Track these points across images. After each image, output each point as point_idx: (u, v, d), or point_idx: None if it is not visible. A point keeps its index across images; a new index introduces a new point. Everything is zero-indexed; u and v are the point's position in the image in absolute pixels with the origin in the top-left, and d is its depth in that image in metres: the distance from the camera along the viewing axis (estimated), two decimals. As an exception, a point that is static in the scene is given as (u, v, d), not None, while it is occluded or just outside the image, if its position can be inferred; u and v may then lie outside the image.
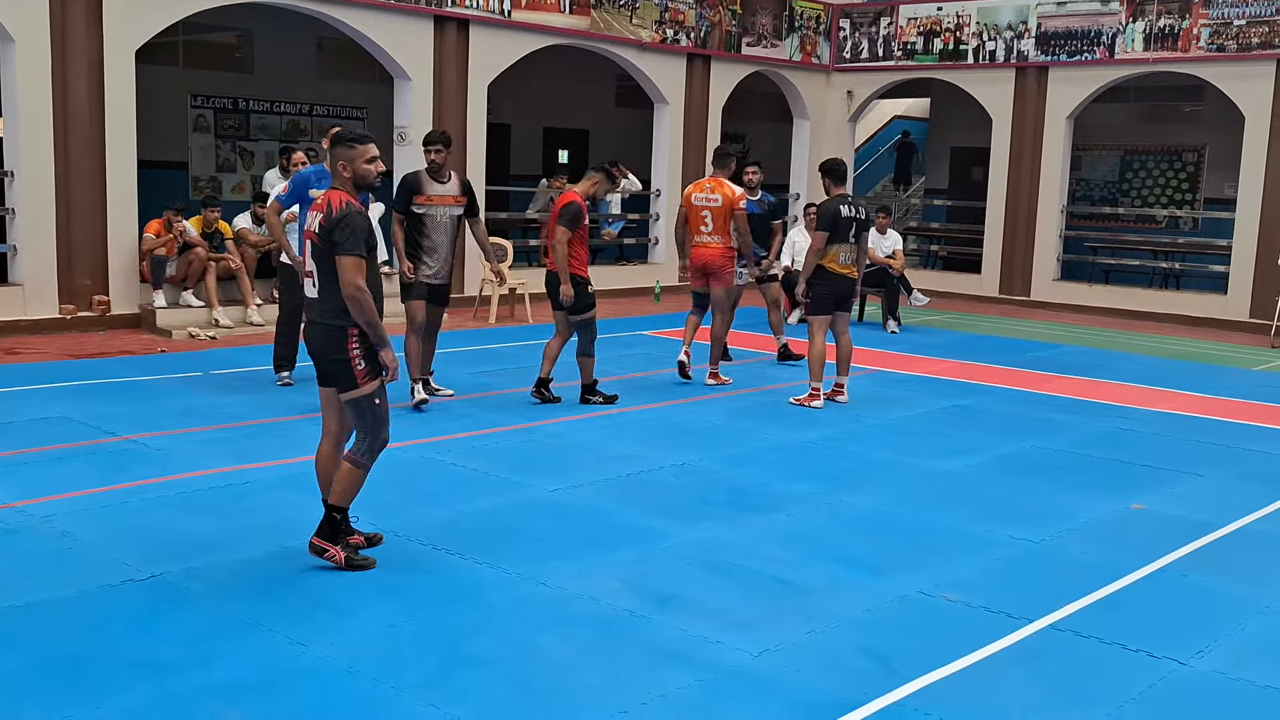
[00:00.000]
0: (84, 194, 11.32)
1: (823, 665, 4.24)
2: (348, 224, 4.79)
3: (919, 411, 8.89)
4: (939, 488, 6.75)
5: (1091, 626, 4.66)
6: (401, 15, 13.42)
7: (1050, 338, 13.59)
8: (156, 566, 4.89)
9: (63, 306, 11.27)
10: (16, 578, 4.75)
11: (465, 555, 5.23)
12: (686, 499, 6.32)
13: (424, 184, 8.05)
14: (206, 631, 4.30)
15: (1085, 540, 5.85)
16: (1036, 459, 7.55)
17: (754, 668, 4.18)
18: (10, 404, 7.96)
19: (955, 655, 4.33)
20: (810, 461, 7.26)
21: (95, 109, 11.30)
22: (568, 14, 15.07)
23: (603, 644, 4.35)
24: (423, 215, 8.06)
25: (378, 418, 4.98)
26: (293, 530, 5.35)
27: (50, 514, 5.59)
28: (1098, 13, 16.13)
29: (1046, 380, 10.51)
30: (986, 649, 4.42)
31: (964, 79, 17.58)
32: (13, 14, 10.73)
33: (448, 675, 4.03)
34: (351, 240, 4.79)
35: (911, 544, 5.67)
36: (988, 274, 17.46)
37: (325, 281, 4.88)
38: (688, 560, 5.31)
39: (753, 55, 17.63)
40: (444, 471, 6.68)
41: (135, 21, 11.47)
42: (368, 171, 4.91)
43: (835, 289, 8.81)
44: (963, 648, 4.40)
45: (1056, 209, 16.87)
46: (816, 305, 8.87)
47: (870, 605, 4.82)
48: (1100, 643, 4.51)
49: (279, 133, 16.83)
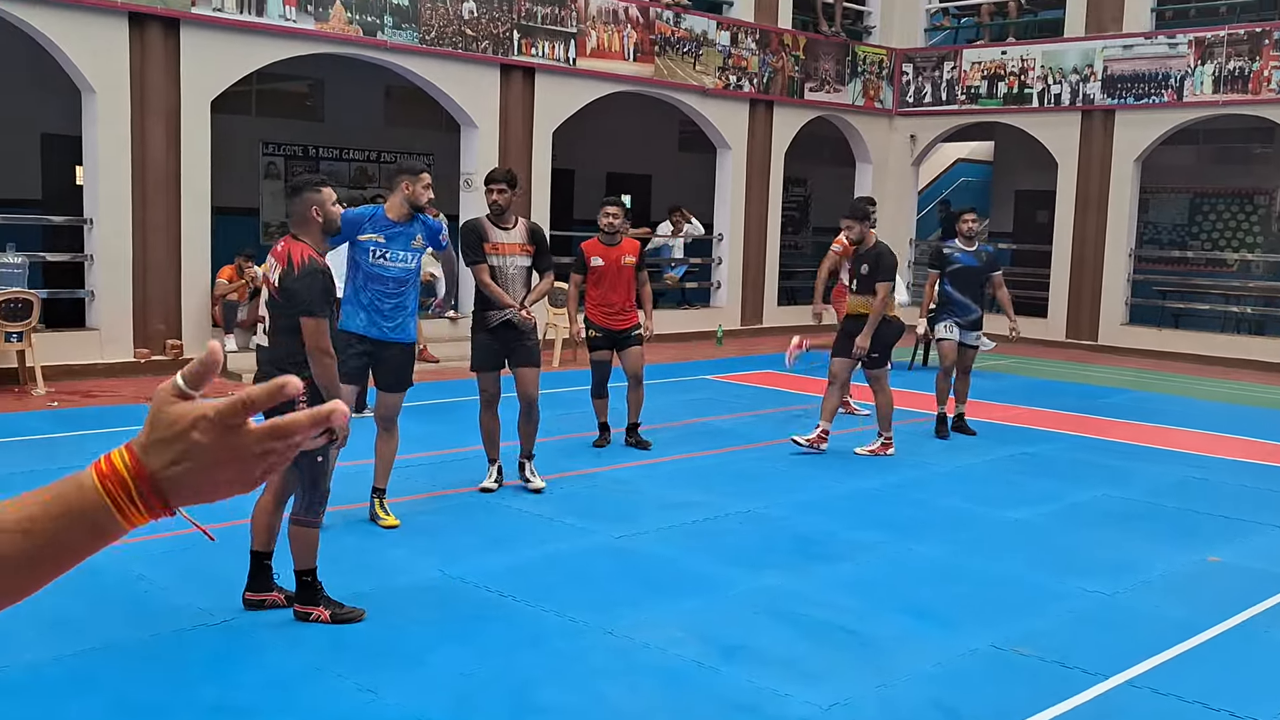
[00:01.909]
0: (159, 240, 11.59)
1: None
2: (311, 284, 4.72)
3: (986, 458, 8.79)
4: (1009, 537, 6.66)
5: (1170, 684, 4.56)
6: (468, 64, 13.64)
7: (1119, 383, 13.38)
8: (229, 611, 4.95)
9: (137, 350, 11.52)
10: (95, 620, 4.83)
11: (532, 602, 5.24)
12: (752, 546, 6.29)
13: (486, 230, 7.09)
14: (278, 677, 4.35)
15: (1161, 593, 5.73)
16: (1108, 508, 7.42)
17: (823, 721, 4.14)
18: (87, 446, 8.12)
19: (1029, 712, 4.26)
20: (877, 509, 7.20)
21: (171, 158, 11.59)
22: (632, 61, 15.24)
23: (670, 694, 4.33)
24: (490, 268, 7.15)
25: (316, 473, 4.84)
26: (362, 573, 5.40)
27: (125, 558, 5.68)
28: (1165, 55, 16.00)
29: (1116, 427, 10.35)
30: (1061, 705, 4.33)
31: (1029, 122, 17.48)
32: (95, 67, 11.05)
33: (516, 724, 4.04)
34: (316, 301, 4.74)
35: (982, 595, 5.60)
36: (1054, 318, 17.27)
37: (275, 331, 4.84)
38: (754, 609, 5.28)
39: (815, 100, 17.68)
40: (510, 517, 6.70)
41: (211, 73, 11.77)
42: (335, 214, 4.95)
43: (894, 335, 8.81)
44: (1037, 704, 4.32)
45: (1124, 252, 16.68)
46: (884, 354, 8.77)
47: (941, 658, 4.76)
48: (1180, 700, 4.41)
49: (347, 179, 17.12)
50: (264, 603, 4.92)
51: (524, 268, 7.18)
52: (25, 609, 3.81)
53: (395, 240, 6.20)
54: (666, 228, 17.35)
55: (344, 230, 5.88)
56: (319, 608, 4.84)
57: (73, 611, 4.92)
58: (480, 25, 13.62)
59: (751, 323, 17.37)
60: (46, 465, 7.53)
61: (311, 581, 4.86)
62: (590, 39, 14.75)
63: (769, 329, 17.55)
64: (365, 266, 6.17)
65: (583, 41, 14.66)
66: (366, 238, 6.19)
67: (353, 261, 6.23)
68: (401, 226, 6.24)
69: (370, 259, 6.17)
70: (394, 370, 6.33)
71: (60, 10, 10.77)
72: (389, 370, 6.32)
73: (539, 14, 14.18)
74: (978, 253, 9.55)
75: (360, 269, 6.20)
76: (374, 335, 6.24)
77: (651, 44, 15.46)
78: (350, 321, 6.21)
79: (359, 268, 6.20)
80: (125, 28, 11.14)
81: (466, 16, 13.50)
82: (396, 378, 6.34)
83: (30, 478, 7.14)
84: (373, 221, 6.22)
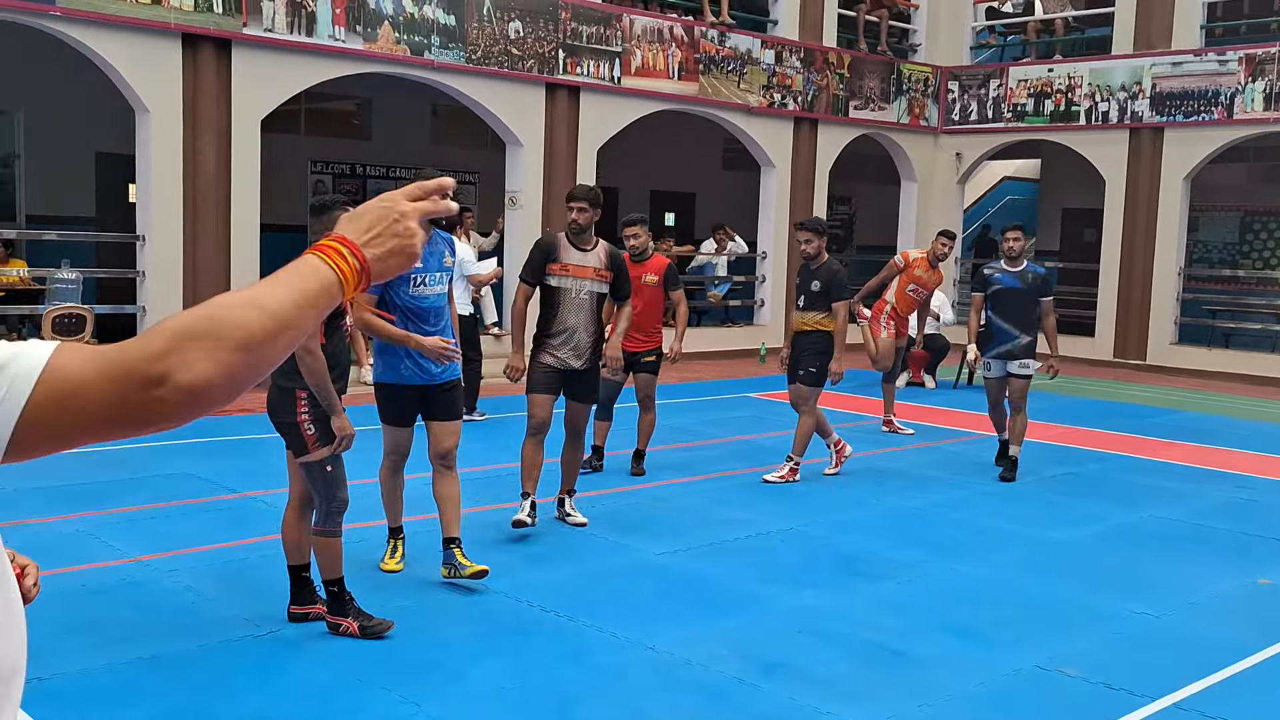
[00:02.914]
0: (209, 257, 11.77)
1: (935, 739, 4.16)
2: None
3: (1031, 478, 8.72)
4: (1053, 558, 6.60)
5: (1218, 708, 4.50)
6: (514, 83, 13.75)
7: (1167, 403, 13.23)
8: (275, 622, 5.01)
9: (187, 365, 11.66)
10: (144, 630, 4.91)
11: (574, 618, 5.26)
12: (794, 565, 6.28)
13: (560, 249, 6.57)
14: (323, 687, 4.40)
15: (1209, 616, 5.66)
16: (1155, 529, 7.34)
17: (865, 740, 4.12)
18: (137, 460, 8.25)
19: (1073, 733, 4.22)
20: (919, 528, 7.16)
21: (222, 176, 11.77)
22: (676, 80, 15.30)
23: (711, 712, 4.33)
24: (555, 288, 6.56)
25: (329, 482, 4.89)
26: (406, 588, 5.45)
27: (175, 568, 5.78)
28: (1215, 73, 15.84)
29: (1164, 447, 10.23)
30: (1106, 727, 4.30)
31: (1076, 140, 17.37)
32: (149, 87, 11.25)
33: (557, 739, 4.05)
34: None
35: (1026, 616, 5.55)
36: (1101, 337, 17.11)
37: None
38: (795, 627, 5.27)
39: (860, 118, 17.66)
40: (552, 533, 6.73)
41: (262, 93, 11.94)
42: None
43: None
44: (1081, 725, 4.29)
45: (1173, 271, 16.50)
46: (822, 374, 8.21)
47: (984, 679, 4.72)
48: (1227, 724, 4.36)
49: (394, 197, 17.29)
50: (307, 616, 4.98)
51: (595, 294, 6.60)
52: (78, 618, 3.88)
53: (429, 261, 5.54)
54: (710, 245, 17.38)
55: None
56: (348, 619, 4.87)
57: (124, 621, 5.01)
58: (526, 45, 13.74)
59: (795, 341, 17.32)
60: (97, 478, 7.66)
61: (339, 591, 4.90)
62: (635, 58, 14.83)
63: (812, 347, 17.50)
64: (403, 300, 5.50)
65: (627, 60, 14.74)
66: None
67: (385, 306, 5.51)
68: (429, 246, 5.46)
69: (410, 289, 5.50)
70: (447, 404, 5.69)
71: (116, 31, 10.99)
72: (442, 404, 5.68)
73: (584, 33, 14.28)
74: (1022, 274, 8.68)
75: (398, 308, 5.50)
76: (422, 381, 5.58)
77: (696, 62, 15.52)
78: (390, 372, 5.59)
79: (395, 308, 5.50)
80: (179, 49, 11.35)
81: (513, 36, 13.62)
82: (449, 409, 5.70)
83: (88, 490, 7.28)
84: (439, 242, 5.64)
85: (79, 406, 1.12)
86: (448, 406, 5.67)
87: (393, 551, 5.89)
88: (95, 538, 6.28)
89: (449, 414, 5.68)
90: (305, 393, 4.78)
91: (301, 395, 4.79)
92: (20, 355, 1.13)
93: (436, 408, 5.65)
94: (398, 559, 5.87)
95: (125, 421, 1.16)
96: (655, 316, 8.35)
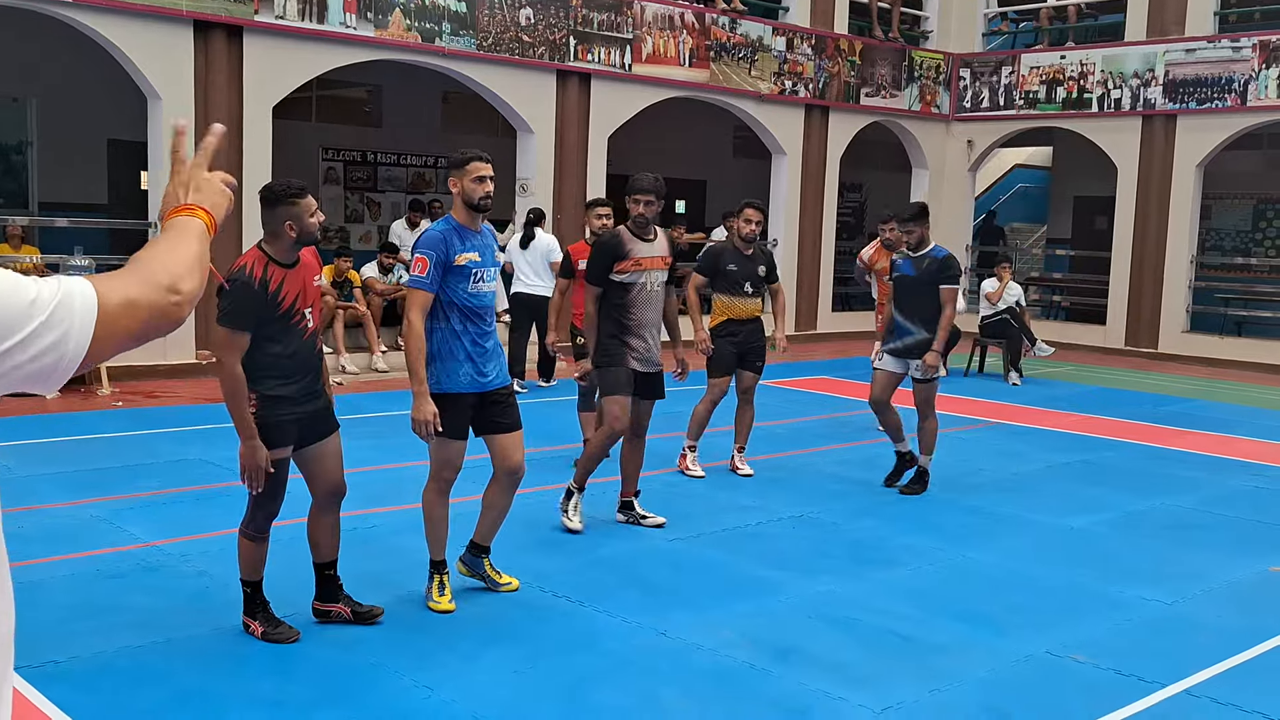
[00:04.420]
0: (221, 244, 11.70)
1: (946, 725, 4.17)
2: (231, 293, 4.42)
3: (1042, 466, 8.71)
4: (1064, 545, 6.60)
5: (1230, 694, 4.50)
6: (525, 70, 13.74)
7: (1179, 391, 13.20)
8: (288, 607, 5.02)
9: (199, 352, 11.72)
10: (158, 614, 4.94)
11: (585, 603, 5.27)
12: (805, 551, 6.28)
13: (628, 244, 6.34)
14: (336, 671, 4.42)
15: (1221, 603, 5.65)
16: (1167, 517, 7.33)
17: (876, 725, 4.13)
18: (150, 446, 8.29)
19: (1084, 719, 4.22)
20: (930, 515, 7.16)
21: (234, 163, 11.78)
22: (687, 67, 15.27)
23: (723, 696, 4.34)
24: (628, 285, 6.31)
25: (265, 491, 4.62)
26: (417, 574, 5.46)
27: (187, 553, 5.81)
28: (1229, 59, 15.76)
29: (1176, 435, 10.22)
30: (1117, 713, 4.29)
31: (1088, 128, 17.30)
32: (160, 74, 11.27)
33: (569, 723, 4.07)
34: (230, 312, 4.41)
35: (1036, 602, 5.55)
36: (1113, 325, 17.07)
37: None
38: (807, 613, 5.28)
39: (871, 105, 17.61)
40: (560, 519, 6.74)
41: (273, 79, 11.96)
42: (313, 226, 4.55)
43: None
44: (1092, 711, 4.29)
45: (1186, 259, 16.45)
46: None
47: (995, 665, 4.73)
48: (1239, 711, 4.35)
49: (405, 184, 17.31)
50: (329, 614, 4.89)
51: (665, 284, 6.49)
52: (93, 603, 3.90)
53: (486, 255, 5.13)
54: (721, 233, 17.34)
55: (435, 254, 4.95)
56: (255, 622, 4.71)
57: (138, 606, 5.04)
58: (537, 31, 13.72)
59: (806, 328, 17.32)
60: (111, 462, 7.70)
61: (252, 594, 4.73)
62: (646, 45, 14.80)
63: (823, 334, 17.50)
64: (464, 299, 5.03)
65: (638, 47, 14.72)
66: (466, 258, 5.02)
67: (436, 307, 5.03)
68: (480, 237, 5.15)
69: (470, 285, 5.03)
70: (508, 412, 5.23)
71: (128, 18, 11.00)
72: (503, 413, 5.22)
73: (595, 20, 14.26)
74: (919, 260, 7.60)
75: (457, 307, 5.03)
76: (479, 388, 5.12)
77: (707, 50, 15.49)
78: (453, 381, 5.05)
79: (452, 307, 5.04)
80: (190, 35, 11.36)
81: (524, 23, 13.60)
82: (512, 418, 5.24)
83: (99, 475, 7.32)
84: (460, 235, 5.07)
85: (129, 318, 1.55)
86: (508, 413, 5.21)
87: (440, 588, 5.21)
88: (109, 523, 6.32)
89: (512, 422, 5.22)
90: (256, 393, 4.49)
91: (251, 395, 4.48)
92: (73, 292, 1.50)
93: (497, 416, 5.18)
94: (449, 596, 5.20)
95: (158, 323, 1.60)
96: None
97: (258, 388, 4.51)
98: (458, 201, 5.11)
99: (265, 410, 4.52)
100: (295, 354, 4.59)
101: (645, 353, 6.39)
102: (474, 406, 5.14)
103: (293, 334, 4.57)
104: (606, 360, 6.38)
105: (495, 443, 5.22)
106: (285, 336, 4.55)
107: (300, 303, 4.60)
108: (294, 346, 4.58)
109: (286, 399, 4.57)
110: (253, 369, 4.50)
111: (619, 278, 6.30)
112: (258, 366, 4.50)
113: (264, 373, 4.52)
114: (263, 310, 4.45)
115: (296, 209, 4.52)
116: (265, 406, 4.52)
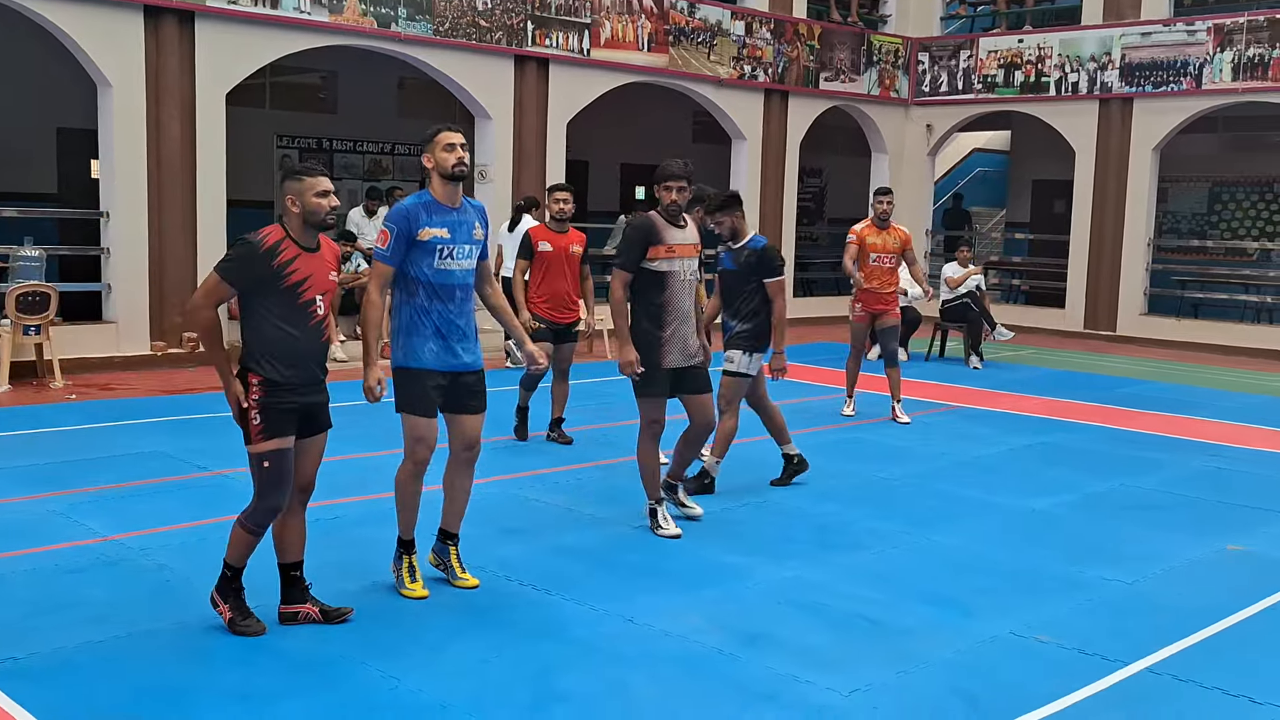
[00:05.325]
0: (175, 233, 11.64)
1: (913, 706, 4.18)
2: (235, 247, 4.56)
3: (1003, 449, 8.77)
4: (1027, 527, 6.65)
5: (1190, 670, 4.55)
6: (482, 55, 13.64)
7: (1138, 373, 13.34)
8: (252, 600, 4.96)
9: (154, 343, 11.57)
10: (119, 608, 4.87)
11: (552, 591, 5.25)
12: (771, 536, 6.29)
13: (662, 231, 6.06)
14: (302, 663, 4.37)
15: (1181, 582, 5.71)
16: (1127, 498, 7.40)
17: (843, 708, 4.14)
18: (106, 439, 8.17)
19: (1049, 698, 4.25)
20: (895, 499, 7.19)
21: (187, 151, 11.63)
22: (646, 52, 15.22)
23: (691, 682, 4.33)
24: (663, 273, 6.07)
25: (267, 481, 4.58)
26: (382, 565, 5.41)
27: (147, 547, 5.72)
28: (1184, 43, 15.91)
29: (1135, 417, 10.32)
30: (1081, 692, 4.33)
31: (1046, 111, 17.42)
32: (110, 61, 11.09)
33: (538, 711, 4.05)
34: (226, 260, 4.52)
35: (1001, 584, 5.59)
36: (1071, 308, 17.22)
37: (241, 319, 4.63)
38: (775, 599, 5.28)
39: (831, 90, 17.64)
40: (526, 508, 6.72)
41: (226, 66, 11.79)
42: (319, 205, 4.53)
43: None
44: (1056, 690, 4.32)
45: (1143, 242, 16.61)
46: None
47: (961, 646, 4.75)
48: (1199, 687, 4.40)
49: (362, 172, 17.16)
50: (297, 616, 4.78)
51: (697, 273, 6.32)
52: (53, 598, 3.83)
53: (458, 232, 5.04)
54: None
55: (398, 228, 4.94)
56: (225, 605, 4.68)
57: (99, 600, 4.97)
58: (494, 16, 13.62)
59: (767, 313, 17.32)
60: (66, 457, 7.59)
61: (231, 577, 4.71)
62: (604, 29, 14.74)
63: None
64: (428, 276, 4.98)
65: (597, 32, 14.65)
66: (430, 234, 4.97)
67: (404, 281, 5.03)
68: (457, 213, 5.07)
69: (436, 261, 4.98)
70: (475, 394, 5.20)
71: (77, 4, 10.81)
72: (470, 394, 5.18)
73: (553, 4, 14.17)
74: (737, 252, 7.14)
75: (420, 284, 5.00)
76: (447, 367, 5.06)
77: (666, 34, 15.44)
78: (417, 357, 5.03)
79: (417, 283, 5.00)
80: (140, 21, 11.18)
81: (480, 8, 13.50)
82: (478, 400, 5.21)
83: (55, 469, 7.21)
84: (428, 210, 5.00)
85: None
86: (476, 397, 5.18)
87: (410, 572, 5.20)
88: (66, 517, 6.22)
89: (478, 405, 5.19)
90: (258, 377, 4.51)
91: (254, 380, 4.51)
92: None
93: (465, 398, 5.13)
94: (421, 583, 5.19)
95: None
96: (578, 286, 8.51)
97: (261, 370, 4.54)
98: (433, 176, 5.09)
99: (265, 397, 4.54)
100: (301, 339, 4.59)
101: (683, 342, 6.17)
102: (443, 386, 5.07)
103: (301, 317, 4.58)
104: (648, 355, 6.12)
105: (456, 421, 5.19)
106: (293, 317, 4.56)
107: (311, 288, 4.60)
108: (301, 331, 4.59)
109: (287, 386, 4.56)
110: (258, 346, 4.55)
111: (652, 265, 6.06)
112: (263, 342, 4.54)
113: (268, 352, 4.54)
114: (263, 273, 4.50)
115: (299, 185, 4.57)
116: (266, 393, 4.53)
